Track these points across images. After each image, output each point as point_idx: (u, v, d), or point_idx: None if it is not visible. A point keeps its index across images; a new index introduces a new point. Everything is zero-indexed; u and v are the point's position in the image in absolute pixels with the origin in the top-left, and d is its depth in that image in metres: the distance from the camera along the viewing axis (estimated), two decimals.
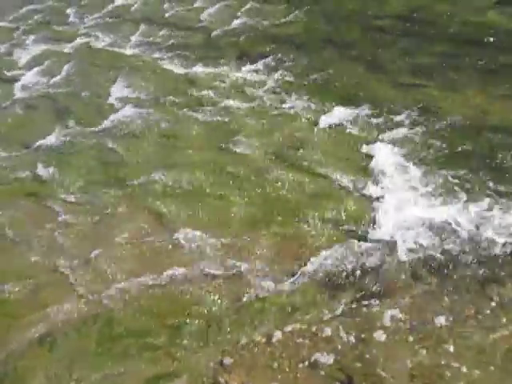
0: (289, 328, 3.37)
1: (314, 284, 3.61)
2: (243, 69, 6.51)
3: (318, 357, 3.16)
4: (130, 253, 4.09)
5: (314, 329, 3.34)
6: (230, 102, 5.82)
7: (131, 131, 5.59)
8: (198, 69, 6.73)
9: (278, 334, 3.34)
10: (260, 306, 3.52)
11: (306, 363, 3.14)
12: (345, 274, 3.67)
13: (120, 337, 3.47)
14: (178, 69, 6.83)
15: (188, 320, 3.52)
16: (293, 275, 3.69)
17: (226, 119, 5.54)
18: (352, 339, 3.24)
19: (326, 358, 3.15)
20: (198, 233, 4.17)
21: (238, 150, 5.03)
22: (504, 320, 3.22)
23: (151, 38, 8.00)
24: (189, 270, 3.85)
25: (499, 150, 4.43)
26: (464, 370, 2.98)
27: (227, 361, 3.24)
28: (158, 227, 4.28)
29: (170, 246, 4.09)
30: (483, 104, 5.00)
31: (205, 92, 6.09)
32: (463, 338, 3.15)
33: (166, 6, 9.00)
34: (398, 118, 5.04)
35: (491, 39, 6.03)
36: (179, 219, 4.32)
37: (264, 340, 3.32)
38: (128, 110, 5.95)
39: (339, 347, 3.20)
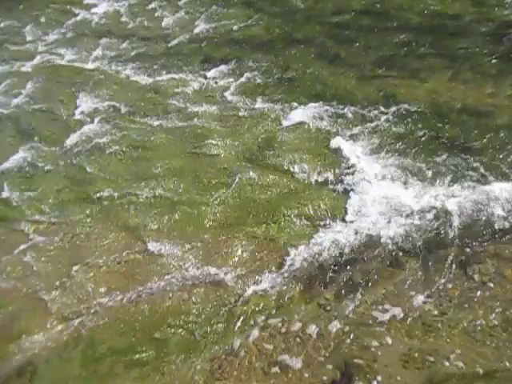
0: (275, 329, 3.34)
1: (294, 282, 3.60)
2: (208, 74, 6.47)
3: (310, 354, 3.15)
4: (107, 269, 4.00)
5: (301, 326, 3.32)
6: (197, 108, 5.78)
7: (99, 146, 5.48)
8: (163, 77, 6.66)
9: (265, 336, 3.31)
10: (243, 309, 3.49)
11: (298, 362, 3.12)
12: (325, 269, 3.67)
13: (104, 357, 3.39)
14: (142, 79, 6.75)
15: (173, 331, 3.47)
16: (272, 275, 3.67)
17: (194, 125, 5.49)
18: (340, 333, 3.24)
19: (318, 355, 3.14)
20: (174, 242, 4.11)
21: (208, 155, 4.99)
22: (487, 298, 3.27)
23: (113, 51, 7.88)
24: (168, 281, 3.79)
25: (464, 132, 4.52)
26: (454, 350, 3.02)
27: (217, 368, 3.19)
28: (133, 241, 4.20)
29: (148, 259, 4.02)
30: (445, 90, 5.10)
31: (171, 100, 6.04)
32: (450, 320, 3.19)
33: (126, 18, 8.90)
34: (363, 111, 5.09)
35: (449, 27, 6.15)
36: (154, 230, 4.25)
37: (251, 343, 3.28)
38: (94, 125, 5.84)
39: (329, 342, 3.19)
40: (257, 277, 3.72)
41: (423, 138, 4.60)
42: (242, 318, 3.44)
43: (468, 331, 3.11)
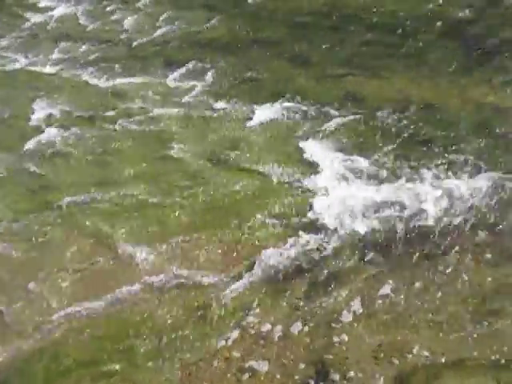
0: (246, 332, 3.30)
1: (264, 283, 3.57)
2: (170, 76, 6.40)
3: (281, 355, 3.12)
4: (71, 278, 3.86)
5: (271, 328, 3.29)
6: (160, 111, 5.69)
7: (58, 152, 5.32)
8: (124, 80, 6.54)
9: (236, 340, 3.26)
10: (212, 313, 3.43)
11: (270, 364, 3.09)
12: (294, 268, 3.66)
13: (70, 370, 3.25)
14: (102, 83, 6.61)
15: (141, 339, 3.37)
16: (242, 277, 3.64)
17: (158, 128, 5.41)
18: (311, 331, 3.23)
19: (290, 355, 3.12)
20: (141, 247, 4.02)
21: (172, 158, 4.92)
22: (453, 288, 3.34)
23: (71, 54, 7.68)
24: (136, 287, 3.69)
25: (425, 126, 4.63)
26: (422, 341, 3.05)
27: (188, 376, 3.12)
28: (98, 247, 4.08)
29: (114, 265, 3.91)
30: (405, 87, 5.21)
31: (133, 103, 5.93)
32: (417, 312, 3.23)
33: (84, 21, 8.69)
34: (327, 109, 5.15)
35: (407, 26, 6.29)
36: (120, 236, 4.13)
37: (222, 348, 3.23)
38: (53, 130, 5.66)
39: (300, 342, 3.18)
40: (226, 279, 3.67)
41: (385, 135, 4.68)
42: (211, 322, 3.39)
43: (434, 322, 3.16)
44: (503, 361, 2.90)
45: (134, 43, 7.51)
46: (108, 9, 8.75)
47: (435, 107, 5.00)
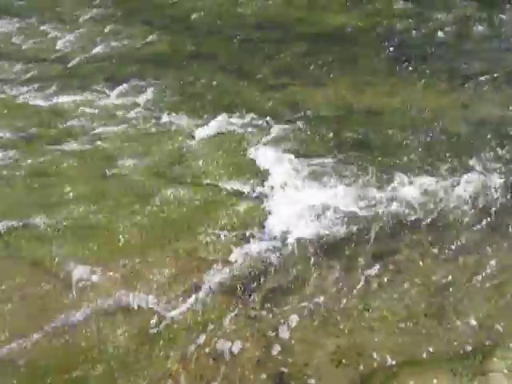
0: (202, 350, 3.20)
1: (219, 297, 3.50)
2: (112, 93, 6.24)
3: (239, 370, 3.04)
4: (11, 309, 3.60)
5: (229, 343, 3.21)
6: (102, 129, 5.52)
7: None
8: (63, 99, 6.30)
9: (192, 359, 3.15)
10: (166, 334, 3.30)
11: (228, 382, 3.00)
12: (250, 279, 3.61)
13: None
14: (40, 102, 6.33)
15: (91, 367, 3.18)
16: (196, 292, 3.54)
17: (101, 146, 5.23)
18: (269, 341, 3.18)
19: (248, 369, 3.05)
20: (88, 270, 3.82)
21: (117, 176, 4.76)
22: (404, 287, 3.41)
23: (6, 75, 7.33)
24: (83, 312, 3.50)
25: (369, 132, 4.77)
26: (380, 341, 3.09)
27: None
28: (41, 274, 3.83)
29: (59, 291, 3.69)
30: (345, 94, 5.37)
31: (73, 122, 5.71)
32: (373, 312, 3.27)
33: (17, 40, 8.36)
34: (272, 119, 5.20)
35: (344, 36, 6.52)
36: (62, 260, 3.92)
37: (177, 369, 3.11)
38: None
39: (259, 353, 3.12)
40: (180, 296, 3.56)
41: (329, 141, 4.79)
42: (165, 343, 3.26)
43: (391, 322, 3.21)
44: (457, 353, 2.98)
45: (73, 61, 7.29)
46: (43, 27, 8.48)
47: (377, 112, 5.18)
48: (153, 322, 3.38)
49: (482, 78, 5.83)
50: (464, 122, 5.08)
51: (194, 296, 3.53)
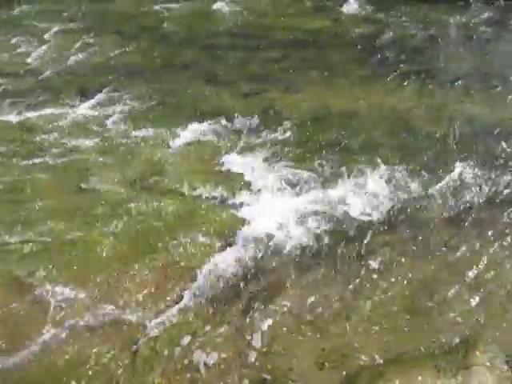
0: (186, 359, 3.15)
1: (201, 306, 3.45)
2: (84, 105, 6.15)
3: (223, 380, 2.99)
4: None
5: (211, 351, 3.17)
6: (77, 142, 5.42)
7: None
8: (35, 113, 6.18)
9: (173, 371, 3.09)
10: (147, 348, 3.23)
11: None
12: (231, 286, 3.57)
13: None
14: (10, 117, 6.20)
15: None
16: (177, 303, 3.48)
17: (75, 160, 5.13)
18: (253, 348, 3.14)
19: (233, 378, 2.99)
20: (65, 287, 3.72)
21: (93, 189, 4.67)
22: (386, 286, 3.41)
23: None
24: (62, 332, 3.39)
25: (344, 134, 4.82)
26: (364, 341, 3.08)
27: None
28: (13, 294, 3.71)
29: (34, 311, 3.57)
30: (320, 98, 5.42)
31: (45, 136, 5.60)
32: (355, 312, 3.27)
33: None
34: (247, 125, 5.21)
35: (316, 42, 6.59)
36: (38, 278, 3.81)
37: (161, 381, 3.04)
38: None
39: (242, 362, 3.08)
40: (160, 308, 3.50)
41: (305, 144, 4.82)
42: (148, 357, 3.19)
43: (373, 321, 3.22)
44: (440, 350, 3.00)
45: (44, 74, 7.18)
46: (11, 42, 8.34)
47: (351, 115, 5.23)
48: (134, 335, 3.31)
49: (453, 79, 5.96)
50: (437, 121, 5.18)
51: (174, 307, 3.47)
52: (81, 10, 9.69)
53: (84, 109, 6.09)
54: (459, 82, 5.88)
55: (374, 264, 3.60)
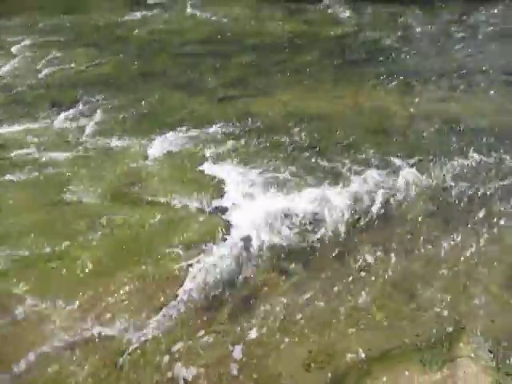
0: (173, 370, 3.10)
1: (185, 315, 3.41)
2: (58, 118, 6.06)
3: None
4: None
5: (197, 361, 3.13)
6: (52, 155, 5.33)
7: None
8: (6, 130, 6.06)
9: (163, 381, 3.04)
10: (133, 362, 3.17)
11: None
12: (214, 294, 3.54)
13: None
14: None
15: None
16: (162, 314, 3.43)
17: (50, 174, 5.04)
18: (239, 355, 3.12)
19: None
20: (45, 303, 3.64)
21: (70, 202, 4.59)
22: (367, 285, 3.43)
23: None
24: (43, 351, 3.31)
25: (320, 136, 4.85)
26: (348, 341, 3.09)
27: None
28: None
29: (14, 330, 3.48)
30: (294, 101, 5.46)
31: (19, 151, 5.49)
32: (339, 313, 3.27)
33: None
34: (224, 131, 5.22)
35: (289, 46, 6.64)
36: (16, 297, 3.72)
37: None
38: None
39: (229, 370, 3.04)
40: (145, 319, 3.45)
41: (283, 148, 4.84)
42: (134, 370, 3.13)
43: (357, 320, 3.23)
44: (424, 344, 3.02)
45: (15, 89, 7.06)
46: None
47: (326, 117, 5.27)
48: (118, 349, 3.25)
49: (426, 78, 6.06)
50: (414, 120, 5.25)
51: (159, 318, 3.43)
52: (52, 23, 9.59)
53: (58, 122, 6.00)
54: (434, 80, 5.98)
55: (355, 263, 3.62)
